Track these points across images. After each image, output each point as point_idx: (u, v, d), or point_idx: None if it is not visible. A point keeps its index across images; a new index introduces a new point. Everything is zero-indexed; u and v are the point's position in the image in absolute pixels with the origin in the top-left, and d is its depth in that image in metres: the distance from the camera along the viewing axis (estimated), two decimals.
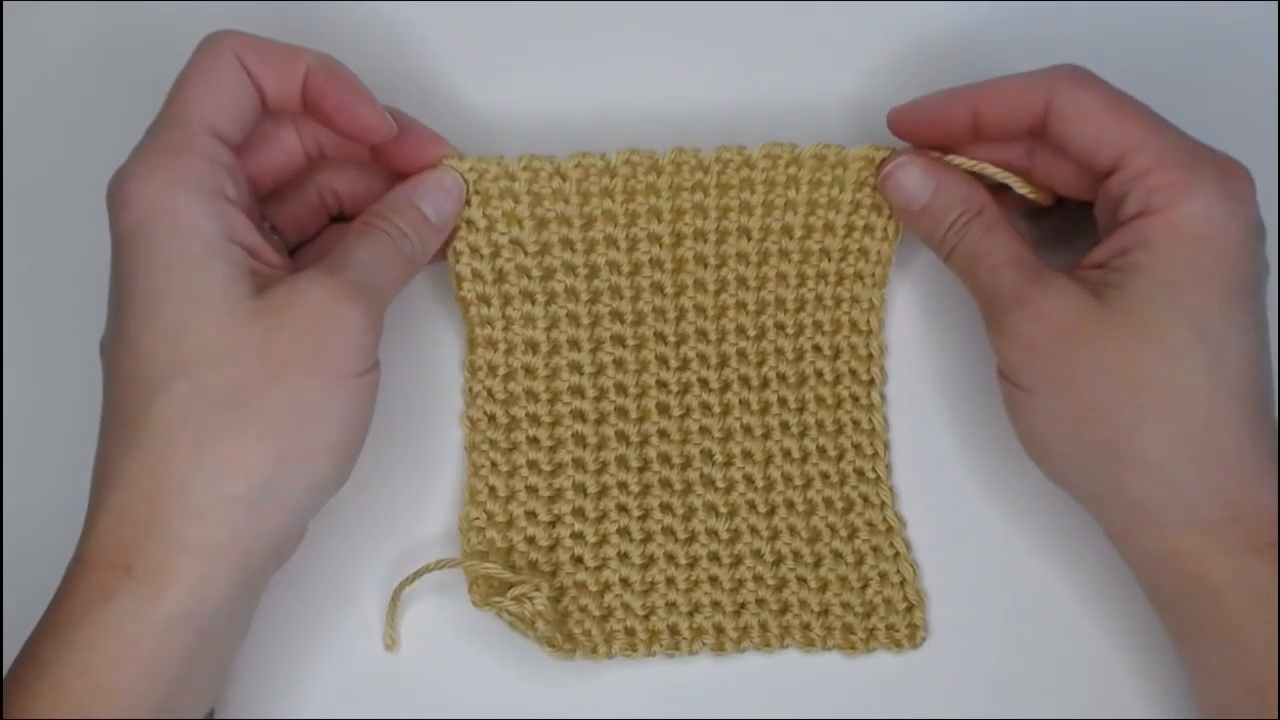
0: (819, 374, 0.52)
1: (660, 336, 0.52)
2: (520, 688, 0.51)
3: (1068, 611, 0.51)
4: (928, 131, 0.49)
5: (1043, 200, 0.50)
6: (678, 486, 0.52)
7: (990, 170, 0.49)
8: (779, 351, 0.52)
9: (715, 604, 0.51)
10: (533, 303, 0.51)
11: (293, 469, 0.43)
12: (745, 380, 0.52)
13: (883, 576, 0.52)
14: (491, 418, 0.52)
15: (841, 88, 0.55)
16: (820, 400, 0.52)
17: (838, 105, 0.55)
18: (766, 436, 0.52)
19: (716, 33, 0.55)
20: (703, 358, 0.52)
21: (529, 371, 0.52)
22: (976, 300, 0.48)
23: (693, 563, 0.51)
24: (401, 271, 0.47)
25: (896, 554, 0.52)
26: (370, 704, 0.51)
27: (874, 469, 0.52)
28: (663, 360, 0.52)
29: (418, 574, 0.50)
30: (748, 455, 0.52)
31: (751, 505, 0.52)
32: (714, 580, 0.51)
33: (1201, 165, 0.45)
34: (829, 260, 0.52)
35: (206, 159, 0.44)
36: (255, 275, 0.44)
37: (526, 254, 0.51)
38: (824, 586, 0.52)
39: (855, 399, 0.52)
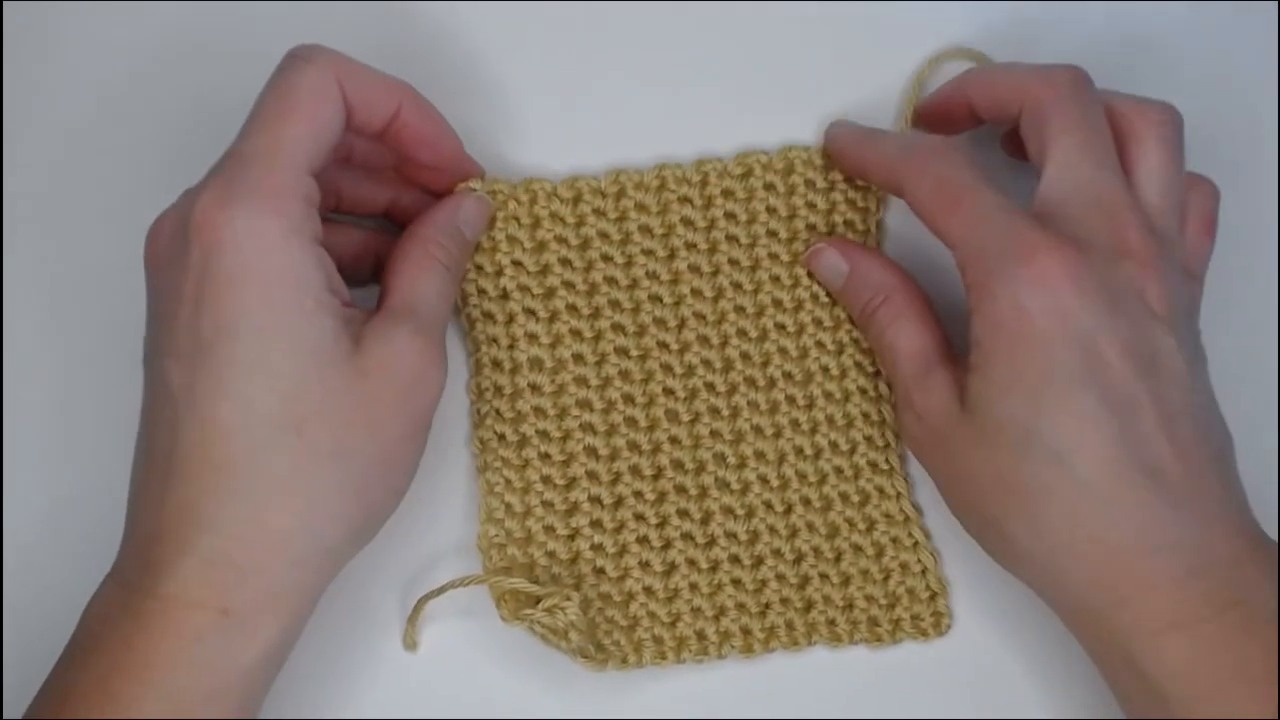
0: (824, 369, 0.53)
1: (664, 345, 0.52)
2: (534, 696, 0.51)
3: None
4: (939, 122, 0.52)
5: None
6: (693, 492, 0.52)
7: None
8: (782, 351, 0.53)
9: (740, 606, 0.51)
10: (536, 320, 0.52)
11: (377, 516, 0.46)
12: (751, 381, 0.53)
13: (904, 567, 0.52)
14: (502, 437, 0.52)
15: (850, 95, 0.54)
16: (828, 395, 0.53)
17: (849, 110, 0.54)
18: (778, 436, 0.52)
19: (727, 34, 0.55)
20: (707, 363, 0.52)
21: (535, 389, 0.52)
22: None
23: (714, 566, 0.51)
24: (453, 300, 0.49)
25: (916, 543, 0.52)
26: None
27: (887, 460, 0.52)
28: (668, 368, 0.52)
29: (443, 589, 0.49)
30: (760, 456, 0.52)
31: (768, 505, 0.52)
32: (737, 582, 0.51)
33: (1005, 258, 0.43)
34: None
35: (310, 203, 0.44)
36: (348, 324, 0.44)
37: (529, 274, 0.52)
38: (846, 581, 0.52)
39: (863, 391, 0.52)
